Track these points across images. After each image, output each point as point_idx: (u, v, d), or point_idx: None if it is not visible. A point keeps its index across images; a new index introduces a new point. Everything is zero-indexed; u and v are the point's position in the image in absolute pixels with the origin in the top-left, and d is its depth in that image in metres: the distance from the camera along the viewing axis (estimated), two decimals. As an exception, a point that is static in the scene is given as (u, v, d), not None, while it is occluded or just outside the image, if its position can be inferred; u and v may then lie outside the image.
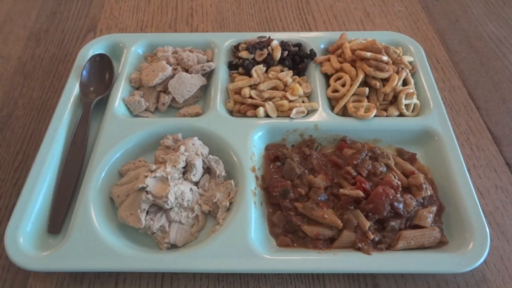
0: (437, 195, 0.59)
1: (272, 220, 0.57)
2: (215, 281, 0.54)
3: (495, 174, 0.65)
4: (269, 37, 0.77)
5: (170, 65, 0.73)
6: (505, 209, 0.61)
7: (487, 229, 0.53)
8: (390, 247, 0.53)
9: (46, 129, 0.64)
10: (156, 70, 0.71)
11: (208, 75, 0.74)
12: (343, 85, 0.69)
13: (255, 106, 0.67)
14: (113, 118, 0.66)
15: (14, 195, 0.62)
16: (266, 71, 0.72)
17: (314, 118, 0.66)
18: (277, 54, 0.73)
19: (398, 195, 0.55)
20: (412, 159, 0.64)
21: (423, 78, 0.71)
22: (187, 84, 0.70)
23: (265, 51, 0.73)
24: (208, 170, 0.62)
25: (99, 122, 0.66)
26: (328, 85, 0.72)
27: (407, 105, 0.67)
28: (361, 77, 0.68)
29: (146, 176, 0.55)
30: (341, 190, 0.56)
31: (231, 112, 0.69)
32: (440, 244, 0.54)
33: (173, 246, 0.55)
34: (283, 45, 0.75)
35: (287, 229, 0.56)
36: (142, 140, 0.64)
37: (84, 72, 0.72)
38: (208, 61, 0.75)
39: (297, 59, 0.74)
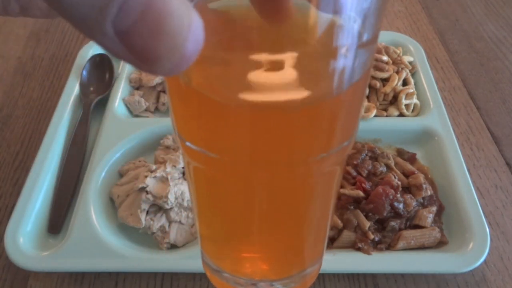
0: (437, 195, 0.59)
1: (272, 220, 0.57)
2: (215, 281, 0.54)
3: (495, 174, 0.65)
4: (269, 37, 0.77)
5: (170, 65, 0.73)
6: (505, 209, 0.61)
7: (487, 229, 0.53)
8: (390, 247, 0.53)
9: (46, 129, 0.64)
10: (156, 70, 0.71)
11: (208, 75, 0.74)
12: (343, 85, 0.69)
13: (255, 106, 0.67)
14: (113, 118, 0.66)
15: (14, 195, 0.62)
16: (266, 71, 0.72)
17: (314, 118, 0.66)
18: (277, 54, 0.73)
19: (398, 195, 0.55)
20: (412, 159, 0.64)
21: (423, 78, 0.71)
22: (187, 84, 0.70)
23: (265, 51, 0.73)
24: (208, 170, 0.62)
25: (99, 122, 0.66)
26: (328, 85, 0.72)
27: (407, 105, 0.67)
28: (361, 77, 0.68)
29: (146, 176, 0.55)
30: (341, 190, 0.56)
31: (231, 112, 0.69)
32: (440, 244, 0.54)
33: (173, 246, 0.55)
34: (283, 45, 0.75)
35: (287, 229, 0.56)
36: (142, 140, 0.64)
37: (84, 72, 0.72)
38: (208, 61, 0.75)
39: (297, 59, 0.74)
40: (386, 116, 0.67)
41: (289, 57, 0.22)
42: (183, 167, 0.59)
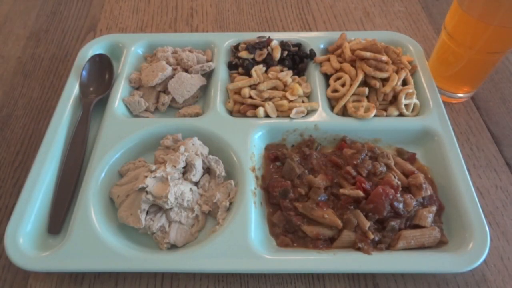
0: (437, 195, 0.59)
1: (272, 220, 0.57)
2: (215, 281, 0.54)
3: (495, 174, 0.65)
4: (269, 37, 0.77)
5: (170, 65, 0.73)
6: (505, 209, 0.61)
7: (487, 229, 0.53)
8: (390, 247, 0.53)
9: (46, 129, 0.64)
10: (156, 70, 0.71)
11: (208, 75, 0.74)
12: (343, 85, 0.69)
13: (255, 106, 0.67)
14: (113, 118, 0.66)
15: (14, 195, 0.62)
16: (266, 71, 0.72)
17: (314, 118, 0.66)
18: (277, 54, 0.73)
19: (398, 195, 0.55)
20: (412, 159, 0.64)
21: (423, 78, 0.71)
22: (186, 84, 0.70)
23: (265, 51, 0.73)
24: (208, 170, 0.62)
25: (99, 122, 0.66)
26: (327, 85, 0.72)
27: (406, 105, 0.67)
28: (360, 77, 0.68)
29: (146, 176, 0.55)
30: (341, 190, 0.56)
31: (231, 112, 0.69)
32: (440, 244, 0.54)
33: (173, 246, 0.55)
34: (283, 45, 0.75)
35: (287, 229, 0.56)
36: (142, 140, 0.64)
37: (84, 72, 0.72)
38: (207, 61, 0.75)
39: (296, 59, 0.74)
40: (386, 116, 0.67)
41: None
42: (183, 167, 0.59)
